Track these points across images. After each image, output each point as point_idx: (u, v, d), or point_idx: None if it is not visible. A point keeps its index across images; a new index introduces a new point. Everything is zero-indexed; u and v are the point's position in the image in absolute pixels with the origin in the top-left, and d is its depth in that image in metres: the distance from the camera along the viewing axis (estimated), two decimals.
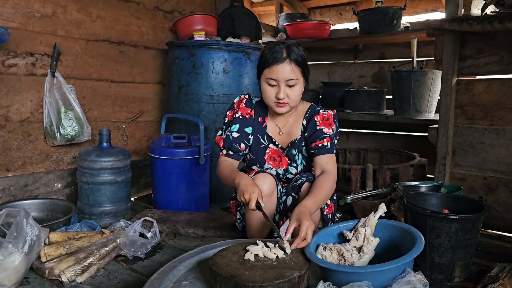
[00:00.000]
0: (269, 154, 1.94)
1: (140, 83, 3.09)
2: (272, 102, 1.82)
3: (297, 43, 1.83)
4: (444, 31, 2.40)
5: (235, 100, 2.01)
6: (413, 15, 3.59)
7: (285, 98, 1.78)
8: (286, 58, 1.75)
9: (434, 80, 2.76)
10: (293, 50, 1.77)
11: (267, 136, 1.95)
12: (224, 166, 1.89)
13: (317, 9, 4.24)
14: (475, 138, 2.47)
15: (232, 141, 1.90)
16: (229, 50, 2.79)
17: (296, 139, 1.92)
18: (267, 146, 1.94)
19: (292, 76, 1.76)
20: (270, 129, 1.96)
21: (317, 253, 1.44)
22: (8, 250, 1.59)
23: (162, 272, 1.45)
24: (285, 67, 1.75)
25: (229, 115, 2.00)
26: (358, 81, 3.58)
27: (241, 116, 1.94)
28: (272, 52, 1.77)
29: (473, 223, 1.71)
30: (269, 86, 1.80)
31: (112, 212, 2.42)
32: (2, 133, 2.38)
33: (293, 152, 1.92)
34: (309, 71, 1.86)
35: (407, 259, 1.28)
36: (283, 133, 1.95)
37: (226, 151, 1.93)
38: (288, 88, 1.78)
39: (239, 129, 1.92)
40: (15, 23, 2.36)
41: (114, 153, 2.41)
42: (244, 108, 1.95)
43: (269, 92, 1.81)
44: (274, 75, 1.76)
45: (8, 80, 2.37)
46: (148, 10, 3.06)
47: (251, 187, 1.63)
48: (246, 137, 1.93)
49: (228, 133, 1.93)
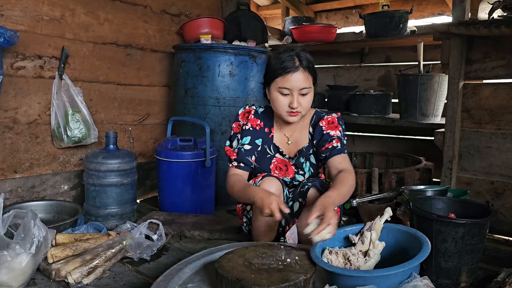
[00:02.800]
0: (274, 164, 1.93)
1: (147, 85, 3.11)
2: (284, 111, 1.79)
3: (304, 49, 1.81)
4: (451, 35, 2.39)
5: (240, 112, 1.97)
6: (419, 19, 3.59)
7: (298, 107, 1.75)
8: (300, 66, 1.72)
9: (440, 84, 2.76)
10: (304, 57, 1.75)
11: (273, 146, 1.92)
12: (235, 181, 1.82)
13: (323, 13, 4.25)
14: (482, 143, 2.45)
15: (245, 154, 1.86)
16: (235, 53, 2.80)
17: (304, 147, 1.91)
18: (273, 156, 1.93)
19: (305, 84, 1.74)
20: (277, 139, 1.93)
21: (323, 256, 1.44)
22: (16, 251, 1.60)
23: (168, 275, 1.45)
24: (299, 76, 1.72)
25: (235, 127, 1.95)
26: (364, 85, 3.57)
27: (251, 127, 1.90)
28: (283, 60, 1.73)
29: (480, 227, 1.70)
30: (281, 95, 1.77)
31: (118, 214, 2.43)
32: (10, 135, 2.41)
33: (301, 160, 1.91)
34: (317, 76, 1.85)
35: (414, 264, 1.28)
36: (291, 142, 1.93)
37: (237, 163, 1.87)
38: (301, 97, 1.76)
39: (251, 141, 1.89)
40: (24, 26, 2.38)
41: (121, 156, 2.43)
42: (253, 119, 1.92)
43: (281, 101, 1.77)
44: (288, 84, 1.73)
45: (17, 83, 2.39)
46: (155, 13, 3.08)
47: (267, 199, 1.56)
48: (257, 149, 1.90)
49: (239, 146, 1.89)
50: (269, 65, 1.81)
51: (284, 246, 1.52)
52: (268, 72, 1.82)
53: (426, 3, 3.57)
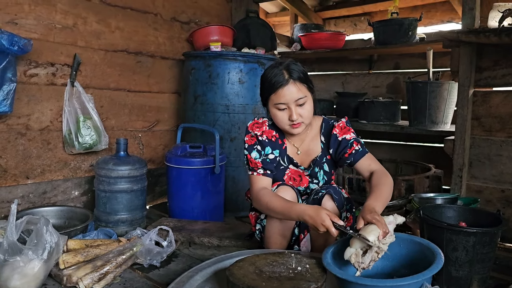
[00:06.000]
0: (288, 175, 1.92)
1: (157, 92, 3.13)
2: (286, 125, 1.78)
3: (294, 60, 1.79)
4: (460, 42, 2.39)
5: (249, 124, 1.94)
6: (428, 26, 3.59)
7: (298, 118, 1.74)
8: (289, 79, 1.71)
9: (450, 91, 2.75)
10: (293, 69, 1.73)
11: (287, 158, 1.91)
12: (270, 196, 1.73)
13: (331, 20, 4.26)
14: (492, 150, 2.44)
15: (270, 163, 1.85)
16: (244, 60, 2.82)
17: (318, 156, 1.89)
18: (287, 167, 1.92)
19: (299, 95, 1.72)
20: (289, 150, 1.92)
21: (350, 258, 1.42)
22: (28, 257, 1.62)
23: (179, 282, 1.46)
24: (291, 88, 1.71)
25: (248, 140, 1.91)
26: (373, 92, 3.57)
27: (267, 139, 1.87)
28: (271, 77, 1.73)
29: (491, 236, 1.69)
30: (279, 111, 1.76)
31: (128, 220, 2.45)
32: (23, 141, 2.44)
33: (315, 170, 1.90)
34: (313, 83, 1.82)
35: (427, 276, 1.27)
36: (301, 152, 1.92)
37: (263, 171, 1.84)
38: (299, 108, 1.74)
39: (272, 151, 1.87)
40: (37, 34, 2.42)
41: (131, 162, 2.45)
42: (268, 131, 1.89)
43: (281, 117, 1.77)
44: (282, 99, 1.72)
45: (29, 90, 2.43)
46: (165, 21, 3.11)
47: (318, 216, 1.51)
48: (276, 159, 1.89)
49: (263, 157, 1.86)
50: (261, 84, 1.80)
51: (294, 254, 1.52)
52: (261, 91, 1.81)
53: (435, 10, 3.57)
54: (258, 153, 1.87)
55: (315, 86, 1.88)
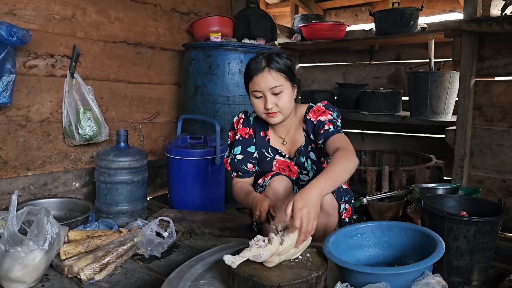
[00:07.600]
0: (276, 166, 1.91)
1: (157, 84, 3.12)
2: (263, 114, 1.79)
3: (279, 52, 1.80)
4: (462, 32, 2.38)
5: (234, 120, 1.99)
6: (430, 16, 3.56)
7: (273, 107, 1.74)
8: (266, 67, 1.72)
9: (451, 81, 2.73)
10: (273, 59, 1.73)
11: (271, 149, 1.92)
12: (237, 189, 1.90)
13: (332, 10, 4.23)
14: (494, 140, 2.43)
15: (238, 164, 1.89)
16: (245, 51, 2.80)
17: (302, 145, 1.88)
18: (273, 159, 1.92)
19: (274, 83, 1.72)
20: (273, 141, 1.92)
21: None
22: (29, 248, 1.63)
23: (180, 271, 1.46)
24: (265, 76, 1.72)
25: (231, 136, 1.98)
26: (374, 82, 3.56)
27: (241, 137, 1.92)
28: (250, 65, 1.76)
29: (492, 226, 1.69)
30: (256, 98, 1.78)
31: (129, 212, 2.45)
32: (23, 133, 2.43)
33: (301, 160, 1.89)
34: (296, 75, 1.83)
35: (428, 264, 1.27)
36: (287, 142, 1.92)
37: (236, 173, 1.93)
38: (274, 97, 1.74)
39: (242, 150, 1.90)
40: (36, 25, 2.40)
41: (132, 153, 2.44)
42: (242, 128, 1.93)
43: (257, 105, 1.78)
44: (257, 86, 1.74)
45: (29, 81, 2.42)
46: (165, 12, 3.09)
47: (259, 201, 1.63)
48: (251, 156, 1.91)
49: (232, 156, 1.91)
50: (244, 72, 1.82)
51: None
52: (244, 78, 1.83)
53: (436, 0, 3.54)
54: (229, 152, 1.96)
55: (316, 77, 1.88)
